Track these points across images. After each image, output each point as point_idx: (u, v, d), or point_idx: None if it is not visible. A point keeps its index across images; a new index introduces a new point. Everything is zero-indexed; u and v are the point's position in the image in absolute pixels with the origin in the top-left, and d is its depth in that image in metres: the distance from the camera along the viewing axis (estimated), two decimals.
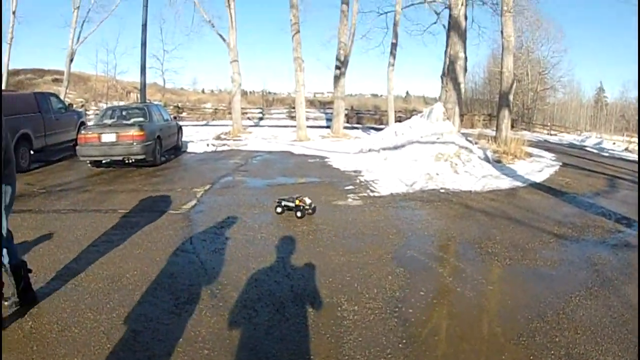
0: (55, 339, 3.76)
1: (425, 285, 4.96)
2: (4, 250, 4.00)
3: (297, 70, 22.44)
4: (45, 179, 11.51)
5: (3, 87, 27.48)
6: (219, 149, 18.00)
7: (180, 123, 18.92)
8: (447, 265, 5.63)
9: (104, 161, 13.03)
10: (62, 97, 22.66)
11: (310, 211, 7.66)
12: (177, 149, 16.78)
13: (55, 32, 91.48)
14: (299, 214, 7.58)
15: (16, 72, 48.08)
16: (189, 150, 17.31)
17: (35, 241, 6.40)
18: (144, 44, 21.89)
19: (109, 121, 13.78)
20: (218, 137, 22.35)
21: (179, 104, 45.25)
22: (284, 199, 7.81)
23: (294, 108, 30.43)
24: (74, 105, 20.51)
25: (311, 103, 49.16)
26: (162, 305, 4.39)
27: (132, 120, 13.53)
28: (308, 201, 7.69)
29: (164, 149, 14.33)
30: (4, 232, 3.92)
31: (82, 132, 12.93)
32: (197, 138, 21.23)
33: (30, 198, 9.29)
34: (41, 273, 5.15)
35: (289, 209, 7.70)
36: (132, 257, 5.68)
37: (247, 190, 9.88)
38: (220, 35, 24.86)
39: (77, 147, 12.75)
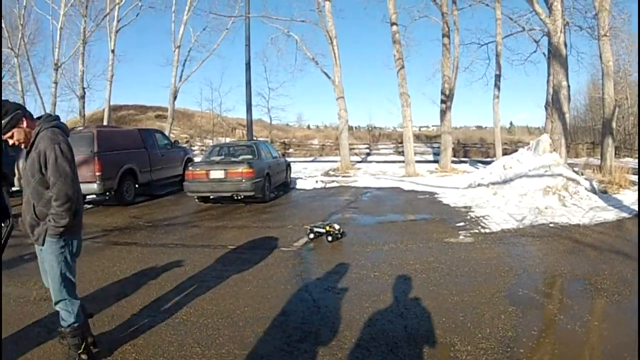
0: None
1: (537, 324, 4.80)
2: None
3: (403, 106, 22.61)
4: (152, 212, 12.19)
5: (105, 122, 29.50)
6: (328, 185, 18.24)
7: (288, 159, 19.35)
8: (558, 303, 5.44)
9: (211, 197, 13.56)
10: (166, 133, 23.95)
11: (339, 235, 8.68)
12: (286, 186, 17.21)
13: (157, 70, 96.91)
14: (329, 238, 8.53)
15: (119, 108, 51.49)
16: (297, 186, 17.69)
17: (141, 273, 6.73)
18: (248, 83, 22.99)
19: (217, 158, 14.41)
20: (326, 174, 22.63)
21: (286, 140, 46.39)
22: (315, 226, 8.89)
23: (400, 143, 30.48)
24: (180, 142, 21.59)
25: (417, 137, 48.88)
26: (273, 342, 4.42)
27: (240, 158, 14.04)
28: (337, 227, 8.73)
29: (272, 185, 14.72)
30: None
31: (190, 168, 13.64)
32: (306, 174, 21.72)
33: (137, 231, 9.83)
34: (148, 305, 5.38)
35: (320, 234, 8.71)
36: (243, 294, 5.79)
37: (358, 227, 9.88)
38: (325, 73, 25.55)
39: (185, 183, 13.38)
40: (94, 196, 14.64)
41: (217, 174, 12.92)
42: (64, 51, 32.84)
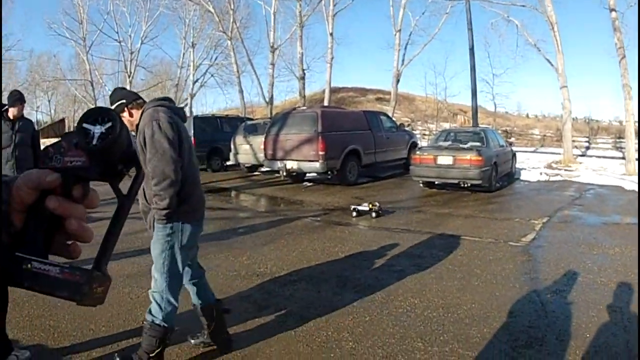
0: None
1: None
2: (193, 290, 3.93)
3: (626, 99, 20.37)
4: (375, 194, 12.22)
5: (325, 103, 30.35)
6: (552, 178, 17.22)
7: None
8: None
9: (436, 182, 13.40)
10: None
11: (380, 212, 9.58)
12: (510, 176, 16.52)
13: (377, 53, 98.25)
14: (373, 214, 9.48)
15: (338, 90, 52.98)
16: (521, 177, 16.92)
17: (361, 256, 6.71)
18: (472, 68, 22.47)
19: (444, 144, 14.10)
20: (549, 166, 21.49)
21: (507, 129, 44.85)
22: (357, 206, 9.88)
23: (619, 138, 27.74)
24: (405, 125, 21.61)
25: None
26: (499, 345, 4.07)
27: (469, 145, 13.58)
28: (377, 204, 9.68)
29: (499, 175, 14.09)
30: (192, 271, 3.90)
31: (418, 152, 13.59)
32: (529, 165, 20.70)
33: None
34: (366, 291, 5.33)
35: (363, 212, 9.68)
36: (471, 288, 5.46)
37: (584, 227, 9.00)
38: (548, 60, 24.10)
39: (411, 167, 13.32)
40: (315, 174, 15.13)
41: (445, 160, 12.67)
42: (280, 34, 34.75)
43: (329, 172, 14.19)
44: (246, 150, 18.38)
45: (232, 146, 18.96)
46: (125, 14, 47.19)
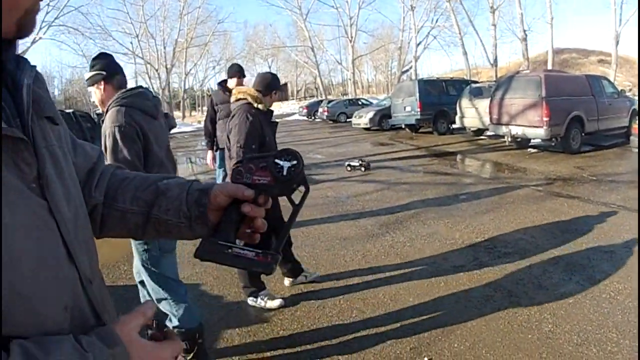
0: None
1: None
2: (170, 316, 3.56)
3: None
4: (596, 165, 11.70)
5: (549, 66, 28.86)
6: None
7: None
8: None
9: None
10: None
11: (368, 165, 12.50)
12: None
13: (598, 11, 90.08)
14: (362, 169, 12.32)
15: (560, 51, 49.62)
16: None
17: (576, 231, 6.61)
18: None
19: None
20: None
21: None
22: (351, 162, 12.81)
23: None
24: (625, 91, 20.11)
25: None
26: None
27: None
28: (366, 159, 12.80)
29: None
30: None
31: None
32: None
33: (580, 184, 9.61)
34: (568, 269, 5.32)
35: (355, 167, 12.58)
36: None
37: None
38: None
39: (632, 137, 12.52)
40: (539, 141, 14.75)
41: None
42: None
43: (553, 139, 13.76)
44: (472, 113, 18.39)
45: (457, 109, 19.05)
46: None
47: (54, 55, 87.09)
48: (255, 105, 4.57)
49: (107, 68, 3.42)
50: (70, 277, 0.87)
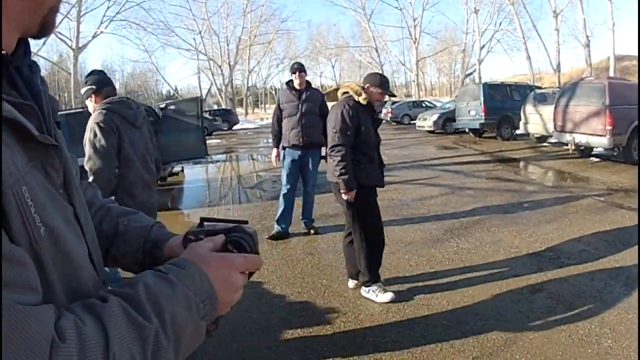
0: None
1: None
2: None
3: None
4: None
5: (611, 73, 28.23)
6: None
7: None
8: None
9: None
10: None
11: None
12: None
13: None
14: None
15: (622, 58, 48.15)
16: None
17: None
18: None
19: None
20: None
21: None
22: None
23: None
24: None
25: None
26: None
27: None
28: None
29: None
30: None
31: None
32: None
33: None
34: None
35: None
36: None
37: None
38: None
39: None
40: (601, 149, 14.59)
41: None
42: None
43: (615, 149, 13.59)
44: (536, 120, 18.23)
45: (522, 115, 18.91)
46: None
47: (115, 49, 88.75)
48: (356, 98, 5.03)
49: (97, 83, 4.03)
50: (96, 280, 0.91)
